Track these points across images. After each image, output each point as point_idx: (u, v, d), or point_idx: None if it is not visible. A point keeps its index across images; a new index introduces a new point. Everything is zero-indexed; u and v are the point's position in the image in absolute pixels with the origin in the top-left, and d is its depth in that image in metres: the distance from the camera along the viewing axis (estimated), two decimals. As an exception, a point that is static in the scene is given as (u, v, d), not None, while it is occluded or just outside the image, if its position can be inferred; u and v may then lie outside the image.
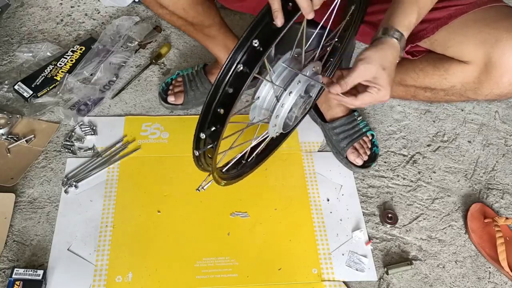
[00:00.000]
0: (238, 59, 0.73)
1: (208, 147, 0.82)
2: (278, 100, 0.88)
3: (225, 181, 1.03)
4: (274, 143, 1.17)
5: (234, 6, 1.25)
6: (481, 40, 0.93)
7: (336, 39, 1.08)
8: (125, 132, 1.29)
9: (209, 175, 0.95)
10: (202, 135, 0.80)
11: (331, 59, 1.15)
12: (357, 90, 0.87)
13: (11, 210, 1.11)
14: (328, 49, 1.07)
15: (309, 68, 0.90)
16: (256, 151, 1.09)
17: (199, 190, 0.98)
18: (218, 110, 0.76)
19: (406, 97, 1.16)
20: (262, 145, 1.07)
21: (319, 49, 0.96)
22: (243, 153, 1.05)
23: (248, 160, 1.09)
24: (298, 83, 0.88)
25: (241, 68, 0.73)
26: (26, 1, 1.61)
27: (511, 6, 0.98)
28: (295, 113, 0.92)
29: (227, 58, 0.73)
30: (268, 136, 1.01)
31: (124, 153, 1.24)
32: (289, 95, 0.87)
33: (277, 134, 0.98)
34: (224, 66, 0.74)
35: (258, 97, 0.89)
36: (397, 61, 0.90)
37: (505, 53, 0.90)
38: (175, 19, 1.14)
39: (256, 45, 0.72)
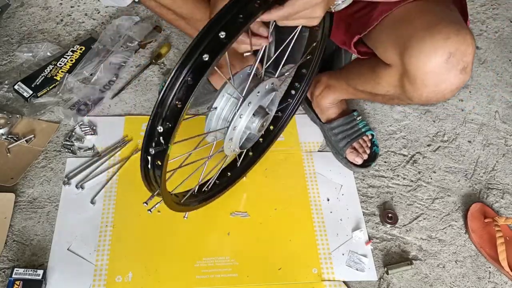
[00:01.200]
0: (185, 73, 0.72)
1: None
2: (235, 112, 0.87)
3: (183, 207, 1.00)
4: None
5: None
6: (396, 41, 0.88)
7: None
8: (125, 132, 1.29)
9: (154, 195, 0.88)
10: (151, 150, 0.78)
11: (296, 84, 1.17)
12: None
13: (11, 210, 1.11)
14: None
15: (267, 83, 0.90)
16: (214, 178, 1.07)
17: (150, 210, 0.91)
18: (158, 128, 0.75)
19: (371, 100, 1.16)
20: (220, 167, 1.05)
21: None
22: (200, 183, 1.01)
23: (209, 187, 1.07)
24: (248, 105, 0.88)
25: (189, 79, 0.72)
26: (26, 1, 1.61)
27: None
28: (253, 130, 0.92)
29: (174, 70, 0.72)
30: (225, 156, 0.99)
31: (126, 156, 1.24)
32: (240, 117, 0.88)
33: (233, 151, 0.97)
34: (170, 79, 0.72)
35: (215, 107, 0.88)
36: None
37: (413, 54, 0.85)
38: (165, 12, 1.12)
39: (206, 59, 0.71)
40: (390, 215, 1.18)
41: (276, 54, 0.98)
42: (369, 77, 1.01)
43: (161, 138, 0.76)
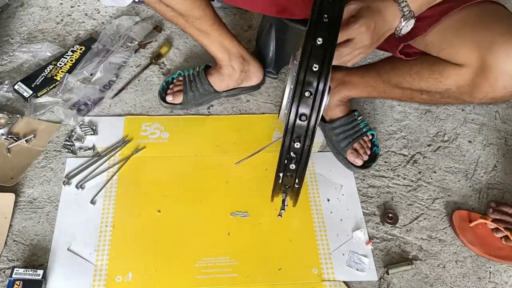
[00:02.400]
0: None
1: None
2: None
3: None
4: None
5: (235, 3, 1.25)
6: (476, 43, 0.92)
7: None
8: (125, 132, 1.29)
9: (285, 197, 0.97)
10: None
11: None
12: None
13: (11, 210, 1.11)
14: None
15: None
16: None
17: (280, 216, 1.05)
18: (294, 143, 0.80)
19: (403, 99, 1.16)
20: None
21: None
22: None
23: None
24: None
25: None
26: (26, 1, 1.61)
27: (501, 5, 0.96)
28: None
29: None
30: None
31: (126, 156, 1.24)
32: None
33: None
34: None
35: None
36: (388, 34, 0.91)
37: (499, 56, 0.89)
38: (164, 9, 1.12)
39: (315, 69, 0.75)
40: (390, 215, 1.18)
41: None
42: (426, 76, 1.03)
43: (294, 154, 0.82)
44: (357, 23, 0.85)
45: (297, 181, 0.87)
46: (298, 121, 0.78)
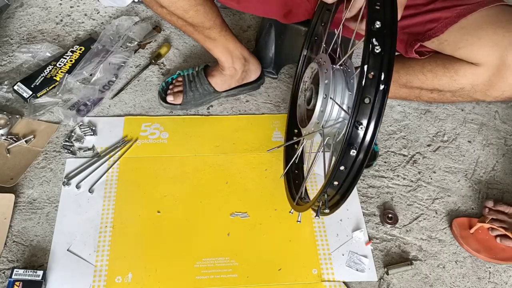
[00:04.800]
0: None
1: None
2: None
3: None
4: None
5: (232, 5, 1.25)
6: (495, 42, 0.93)
7: None
8: (124, 132, 1.29)
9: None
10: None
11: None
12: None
13: (11, 211, 1.11)
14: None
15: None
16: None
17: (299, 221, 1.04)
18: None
19: (408, 98, 1.16)
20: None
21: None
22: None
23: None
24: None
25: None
26: (25, 1, 1.61)
27: None
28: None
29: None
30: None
31: (122, 152, 1.24)
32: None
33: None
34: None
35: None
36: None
37: None
38: (175, 19, 1.14)
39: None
40: (390, 215, 1.18)
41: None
42: (440, 74, 1.04)
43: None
44: None
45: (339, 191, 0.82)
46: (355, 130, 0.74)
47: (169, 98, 1.33)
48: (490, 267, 1.13)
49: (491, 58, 0.94)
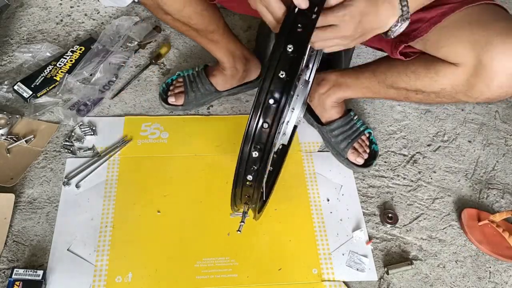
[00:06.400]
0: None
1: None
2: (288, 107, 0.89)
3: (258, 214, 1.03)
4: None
5: (230, 6, 1.25)
6: (472, 42, 0.91)
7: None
8: (124, 132, 1.29)
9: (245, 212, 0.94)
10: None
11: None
12: None
13: (11, 211, 1.11)
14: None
15: (305, 75, 0.92)
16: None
17: (240, 231, 0.97)
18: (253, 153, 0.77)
19: (398, 98, 1.15)
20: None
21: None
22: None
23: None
24: (297, 98, 0.90)
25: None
26: (25, 1, 1.61)
27: (502, 6, 0.96)
28: (297, 122, 0.95)
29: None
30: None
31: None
32: (292, 111, 0.90)
33: (281, 144, 0.98)
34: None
35: None
36: (377, 32, 0.87)
37: (495, 56, 0.88)
38: (180, 25, 1.14)
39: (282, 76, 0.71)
40: (390, 215, 1.18)
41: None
42: (422, 75, 1.03)
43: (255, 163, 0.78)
44: (341, 11, 0.79)
45: (255, 191, 0.82)
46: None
47: (171, 100, 1.33)
48: (490, 267, 1.13)
49: (468, 58, 0.92)
